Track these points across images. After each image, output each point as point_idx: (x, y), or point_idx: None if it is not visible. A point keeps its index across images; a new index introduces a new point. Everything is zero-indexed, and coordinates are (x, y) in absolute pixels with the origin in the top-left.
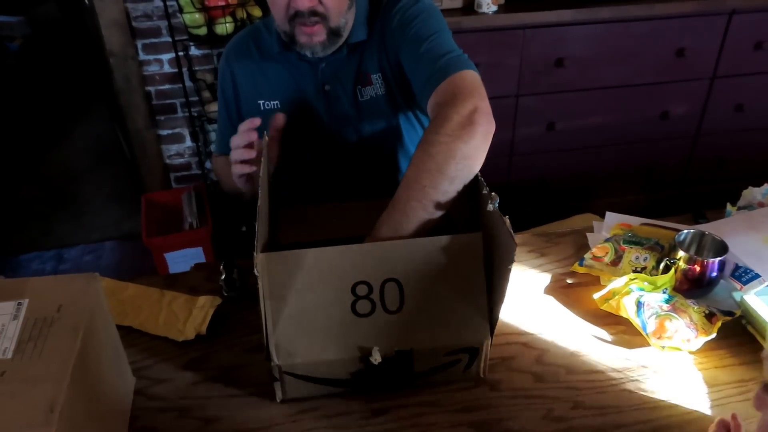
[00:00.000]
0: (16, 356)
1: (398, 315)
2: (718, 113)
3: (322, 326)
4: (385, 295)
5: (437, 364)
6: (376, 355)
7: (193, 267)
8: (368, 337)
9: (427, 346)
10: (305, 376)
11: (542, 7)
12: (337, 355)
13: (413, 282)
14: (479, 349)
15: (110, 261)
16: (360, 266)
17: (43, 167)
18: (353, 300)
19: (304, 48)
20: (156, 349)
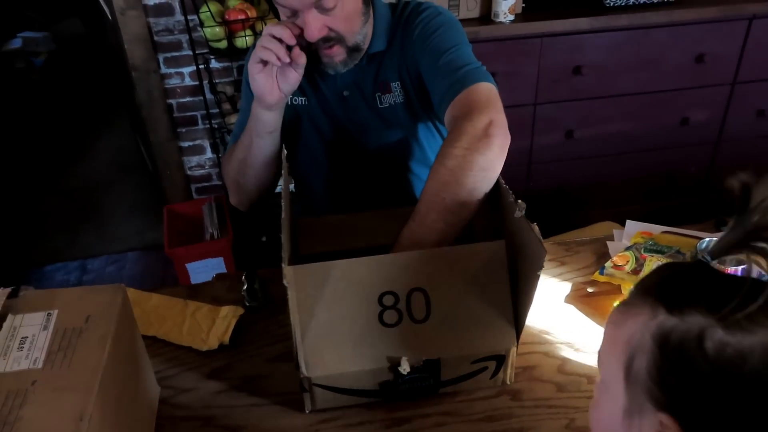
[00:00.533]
0: (46, 366)
1: (425, 324)
2: (739, 119)
3: (350, 337)
4: (412, 304)
5: (464, 372)
6: (405, 366)
7: (214, 277)
8: (396, 347)
9: (454, 354)
10: (334, 388)
11: (559, 16)
12: (365, 366)
13: (439, 291)
14: (505, 357)
15: (133, 271)
16: (386, 277)
17: (68, 179)
18: (380, 310)
19: (327, 67)
20: (180, 359)
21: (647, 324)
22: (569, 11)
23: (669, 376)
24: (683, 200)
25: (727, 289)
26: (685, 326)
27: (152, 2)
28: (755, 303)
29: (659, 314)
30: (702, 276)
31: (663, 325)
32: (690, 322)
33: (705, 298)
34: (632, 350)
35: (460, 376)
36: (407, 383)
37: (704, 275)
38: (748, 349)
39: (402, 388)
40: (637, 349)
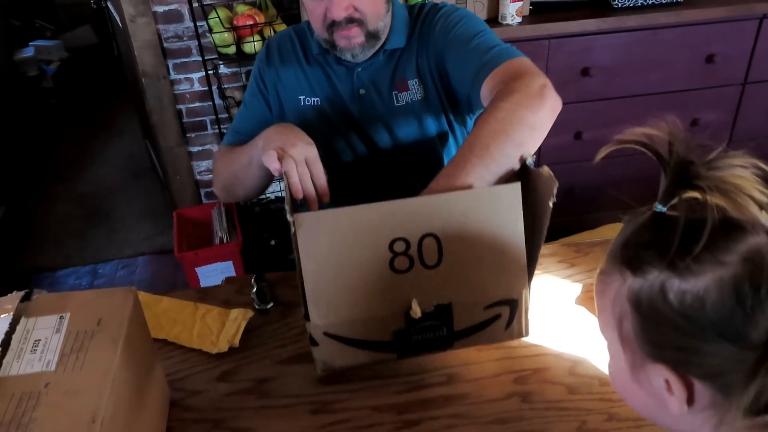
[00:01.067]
0: (58, 368)
1: (437, 270)
2: (750, 119)
3: (361, 284)
4: (423, 250)
5: (478, 320)
6: (416, 309)
7: (224, 280)
8: (407, 292)
9: (465, 299)
10: (346, 339)
11: (567, 18)
12: (377, 311)
13: (451, 236)
14: (518, 301)
15: (143, 276)
16: (397, 222)
17: (79, 185)
18: (391, 257)
19: (344, 52)
20: (190, 362)
21: (621, 290)
22: (577, 13)
23: (651, 331)
24: None
25: (675, 236)
26: (649, 284)
27: (162, 9)
28: (698, 245)
29: (627, 278)
30: (656, 228)
31: (632, 288)
32: (651, 280)
33: (659, 251)
34: (618, 315)
35: (474, 326)
36: (420, 333)
37: (658, 227)
38: (703, 291)
39: (415, 339)
40: (621, 314)
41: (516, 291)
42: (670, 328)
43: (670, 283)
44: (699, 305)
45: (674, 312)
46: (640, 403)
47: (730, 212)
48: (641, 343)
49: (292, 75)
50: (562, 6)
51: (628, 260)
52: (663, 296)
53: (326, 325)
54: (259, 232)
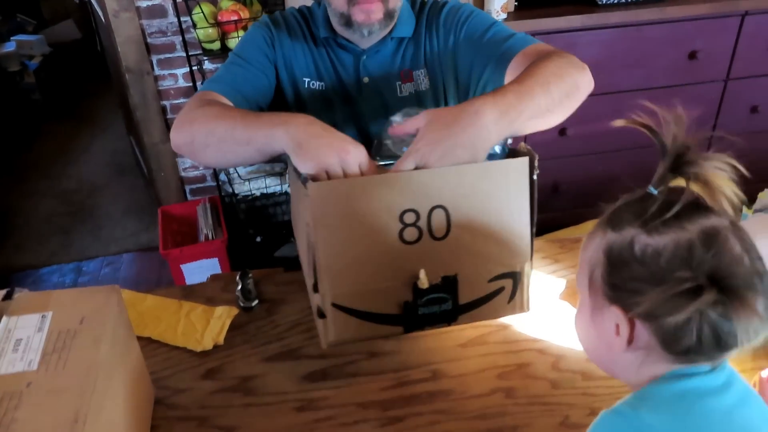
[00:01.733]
0: (41, 368)
1: (445, 241)
2: (732, 115)
3: (370, 254)
4: (432, 222)
5: (482, 294)
6: (423, 279)
7: (209, 278)
8: (415, 263)
9: (471, 270)
10: (354, 310)
11: (552, 14)
12: (385, 282)
13: (460, 208)
14: (520, 274)
15: (128, 273)
16: (407, 194)
17: (62, 182)
18: (401, 228)
19: (361, 27)
20: (175, 360)
21: (600, 243)
22: (561, 9)
23: (614, 275)
24: None
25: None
26: (622, 238)
27: (145, 4)
28: (669, 212)
29: (607, 233)
30: (642, 202)
31: (609, 240)
32: (625, 235)
33: (638, 216)
34: (592, 265)
35: (479, 299)
36: (426, 305)
37: (644, 202)
38: (662, 246)
39: (421, 313)
40: (595, 264)
41: (519, 264)
42: (628, 273)
43: (638, 237)
44: (656, 256)
45: (635, 260)
46: (591, 345)
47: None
48: (604, 287)
49: (300, 54)
50: (547, 2)
51: (610, 221)
52: (630, 247)
53: (335, 296)
54: (245, 228)
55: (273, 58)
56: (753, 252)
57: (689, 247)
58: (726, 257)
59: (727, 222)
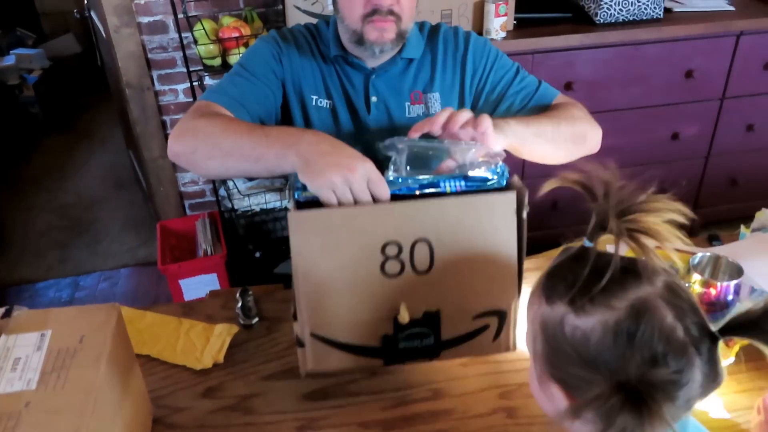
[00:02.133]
0: (39, 387)
1: (427, 276)
2: (728, 133)
3: (351, 285)
4: (415, 255)
5: (466, 330)
6: (404, 314)
7: (208, 294)
8: (396, 296)
9: (454, 307)
10: (333, 341)
11: (551, 33)
12: (365, 314)
13: (444, 242)
14: (507, 313)
15: (126, 288)
16: (390, 225)
17: (60, 196)
18: (382, 260)
19: (373, 45)
20: (174, 378)
21: (536, 313)
22: (560, 28)
23: (551, 355)
24: None
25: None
26: (554, 315)
27: (146, 20)
28: (596, 287)
29: (542, 306)
30: (575, 263)
31: (543, 315)
32: (556, 311)
33: (569, 287)
34: (534, 333)
35: (461, 336)
36: (407, 339)
37: (577, 262)
38: (590, 330)
39: (402, 347)
40: (535, 333)
41: (505, 302)
42: (564, 356)
43: (568, 317)
44: (585, 341)
45: (568, 343)
46: (544, 406)
47: (637, 258)
48: (545, 362)
49: (309, 72)
50: (546, 21)
51: (545, 289)
52: (561, 328)
53: (313, 326)
54: (244, 244)
55: (281, 75)
56: (690, 316)
57: (615, 331)
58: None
59: (660, 287)
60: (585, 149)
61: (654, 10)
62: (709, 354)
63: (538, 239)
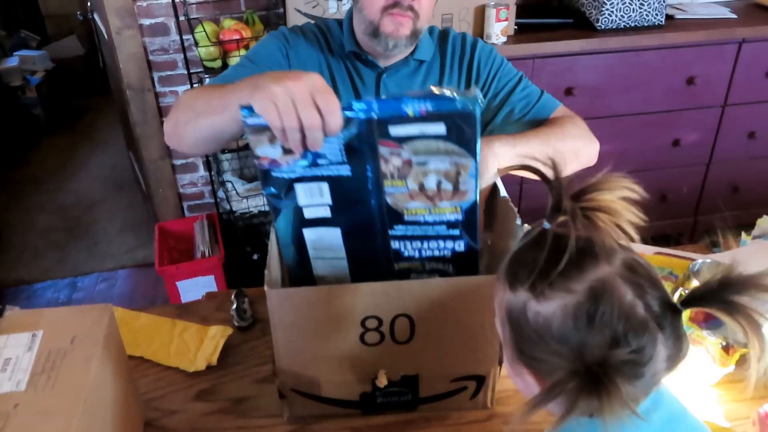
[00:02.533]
0: (29, 388)
1: (407, 345)
2: (730, 141)
3: (330, 354)
4: (395, 328)
5: (443, 390)
6: (382, 378)
7: (204, 296)
8: (375, 363)
9: (433, 372)
10: (313, 395)
11: (551, 38)
12: (343, 376)
13: (426, 318)
14: (486, 378)
15: (124, 289)
16: (371, 303)
17: (60, 196)
18: (362, 332)
19: (388, 39)
20: (167, 380)
21: (501, 300)
22: (561, 33)
23: (517, 340)
24: (676, 220)
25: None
26: (517, 302)
27: (148, 22)
28: (554, 272)
29: (506, 292)
30: (535, 247)
31: (507, 301)
32: (519, 298)
33: (530, 272)
34: (501, 319)
35: (439, 395)
36: (385, 396)
37: (537, 246)
38: (551, 314)
39: (381, 402)
40: (502, 319)
41: (485, 369)
42: (530, 341)
43: (530, 303)
44: (548, 326)
45: (532, 329)
46: (522, 391)
47: (594, 237)
48: (514, 348)
49: (316, 65)
50: (547, 27)
51: (508, 275)
52: (525, 314)
53: (293, 384)
54: (242, 246)
55: (286, 69)
56: (650, 292)
57: (575, 314)
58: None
59: (618, 265)
60: (576, 165)
61: (655, 16)
62: (672, 327)
63: None
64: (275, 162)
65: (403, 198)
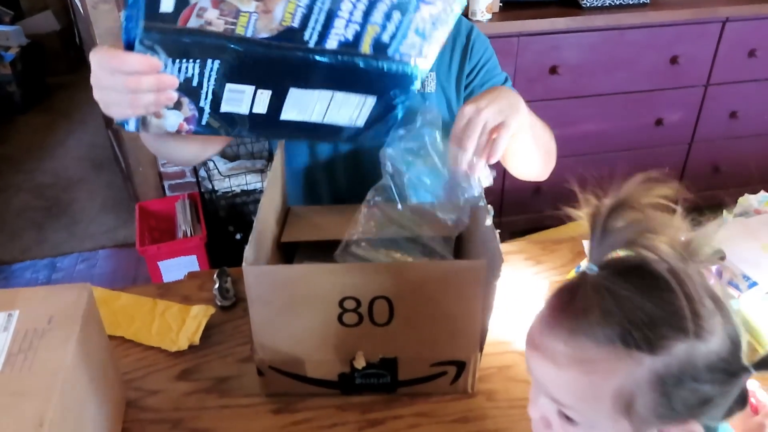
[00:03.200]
0: (5, 369)
1: (386, 328)
2: (712, 120)
3: (308, 333)
4: (374, 310)
5: (423, 374)
6: (360, 360)
7: (186, 275)
8: (354, 344)
9: (412, 355)
10: (291, 374)
11: (536, 15)
12: (322, 356)
13: (405, 301)
14: (466, 364)
15: (104, 270)
16: (349, 283)
17: (38, 176)
18: (340, 312)
19: None
20: (148, 360)
21: (635, 373)
22: (546, 11)
23: (679, 399)
24: None
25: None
26: (675, 359)
27: None
28: (704, 308)
29: (644, 360)
30: (655, 294)
31: (655, 369)
32: (675, 354)
33: (674, 323)
34: (627, 398)
35: (418, 378)
36: (364, 377)
37: (657, 292)
38: (720, 344)
39: (359, 383)
40: (633, 396)
41: (465, 354)
42: (694, 388)
43: (696, 350)
44: (717, 357)
45: (702, 372)
46: None
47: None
48: (662, 413)
49: None
50: (532, 4)
51: (636, 341)
52: (692, 365)
53: (271, 360)
54: (224, 225)
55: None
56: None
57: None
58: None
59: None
60: (547, 162)
61: None
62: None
63: (521, 223)
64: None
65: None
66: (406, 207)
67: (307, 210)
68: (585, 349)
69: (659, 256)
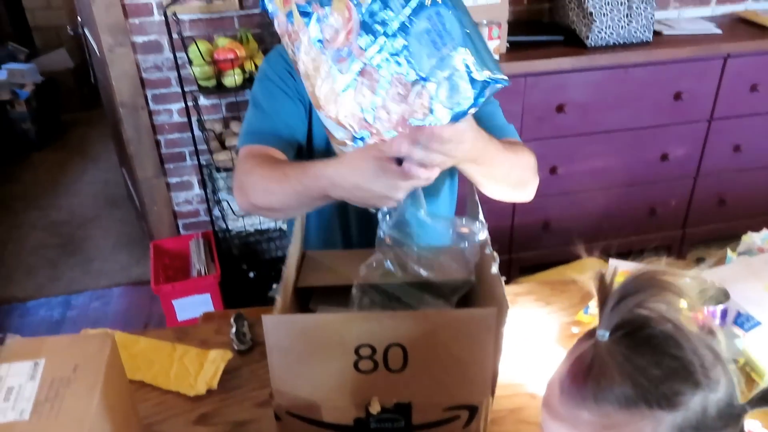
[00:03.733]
0: (33, 417)
1: (400, 374)
2: (716, 154)
3: (324, 380)
4: (389, 357)
5: (436, 419)
6: (375, 405)
7: (201, 316)
8: (369, 390)
9: (426, 400)
10: (308, 419)
11: (543, 56)
12: (338, 402)
13: (419, 348)
14: (479, 408)
15: (118, 307)
16: (365, 331)
17: (52, 213)
18: (356, 359)
19: None
20: (167, 404)
21: (657, 430)
22: (552, 51)
23: None
24: (664, 233)
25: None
26: (692, 413)
27: (141, 40)
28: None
29: (664, 418)
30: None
31: (674, 423)
32: (692, 408)
33: (678, 375)
34: None
35: (432, 422)
36: (378, 422)
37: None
38: (727, 391)
39: (374, 427)
40: None
41: (477, 399)
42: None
43: (708, 400)
44: (724, 403)
45: (714, 420)
46: None
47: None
48: None
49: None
50: (538, 44)
51: (654, 400)
52: (705, 415)
53: (288, 406)
54: (238, 264)
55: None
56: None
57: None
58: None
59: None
60: (521, 195)
61: (643, 33)
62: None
63: (530, 259)
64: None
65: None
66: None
67: (323, 255)
68: (609, 414)
69: (662, 315)
